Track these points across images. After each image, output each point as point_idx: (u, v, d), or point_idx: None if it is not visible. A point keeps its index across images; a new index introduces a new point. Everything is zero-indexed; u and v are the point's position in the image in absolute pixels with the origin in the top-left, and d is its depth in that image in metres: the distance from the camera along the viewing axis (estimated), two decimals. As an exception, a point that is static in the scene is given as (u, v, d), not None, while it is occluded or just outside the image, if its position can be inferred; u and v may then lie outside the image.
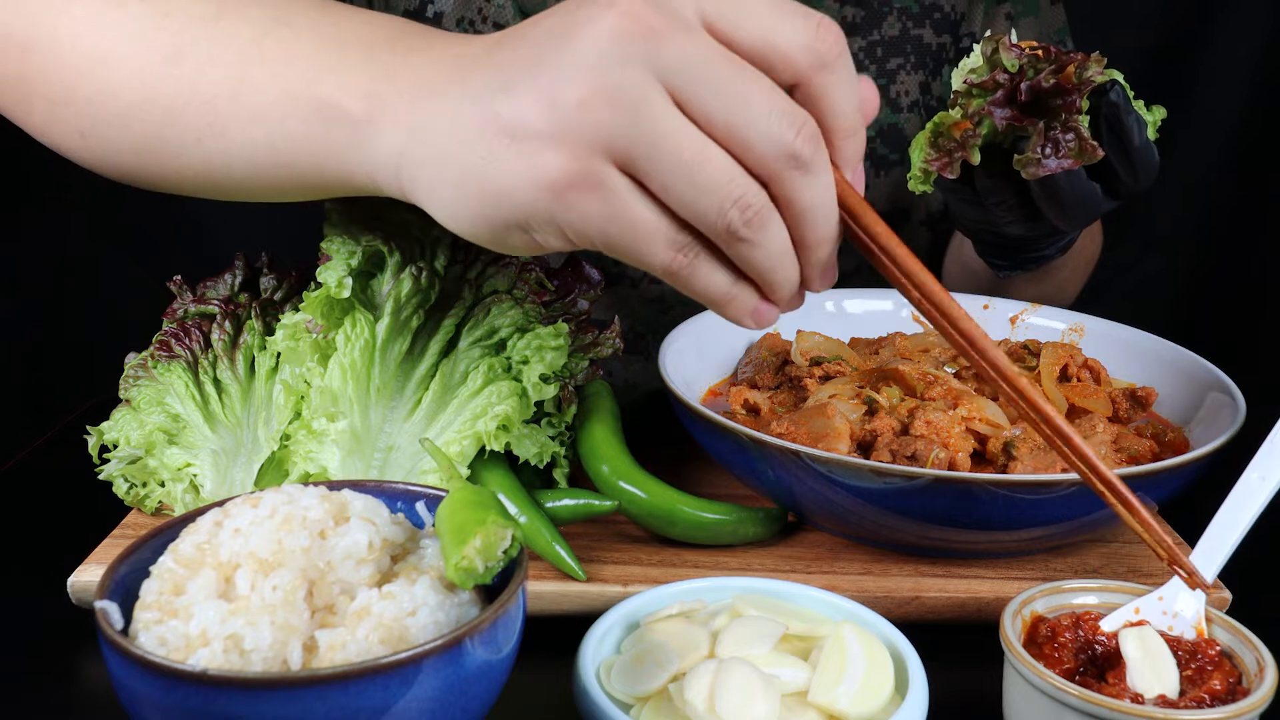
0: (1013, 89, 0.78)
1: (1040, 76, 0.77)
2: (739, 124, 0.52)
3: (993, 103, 0.78)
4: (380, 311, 0.77)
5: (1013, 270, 0.94)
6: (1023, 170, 0.78)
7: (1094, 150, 0.76)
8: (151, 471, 0.79)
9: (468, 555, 0.54)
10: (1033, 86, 0.77)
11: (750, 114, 0.51)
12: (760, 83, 0.52)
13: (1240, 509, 0.65)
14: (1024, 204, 0.83)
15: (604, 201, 0.52)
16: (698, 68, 0.51)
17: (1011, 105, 0.79)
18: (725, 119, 0.52)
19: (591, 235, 0.54)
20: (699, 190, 0.52)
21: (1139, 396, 0.87)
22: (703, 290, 0.56)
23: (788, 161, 0.52)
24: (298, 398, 0.76)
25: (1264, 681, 0.57)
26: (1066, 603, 0.64)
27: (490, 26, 1.07)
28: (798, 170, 0.53)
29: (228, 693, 0.48)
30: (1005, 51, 0.79)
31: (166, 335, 0.82)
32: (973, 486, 0.69)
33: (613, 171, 0.52)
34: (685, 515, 0.77)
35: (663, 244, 0.54)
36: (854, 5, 1.12)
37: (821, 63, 0.53)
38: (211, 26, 0.65)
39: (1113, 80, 0.77)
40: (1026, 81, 0.77)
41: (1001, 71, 0.78)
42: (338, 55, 0.61)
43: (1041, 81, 0.77)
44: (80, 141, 0.70)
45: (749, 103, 0.52)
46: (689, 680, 0.58)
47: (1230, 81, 1.79)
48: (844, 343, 0.92)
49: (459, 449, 0.75)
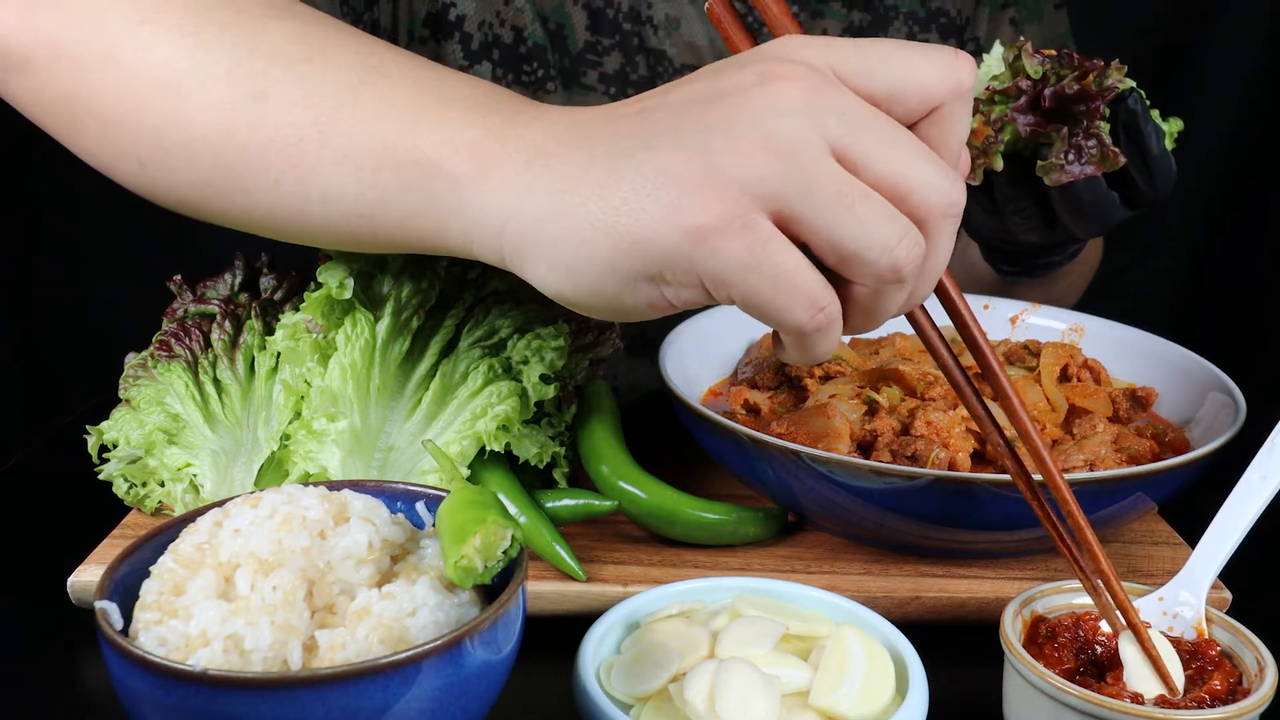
0: (1036, 95, 0.79)
1: (1064, 83, 0.77)
2: (899, 172, 0.51)
3: (1016, 109, 0.79)
4: (381, 312, 0.77)
5: (1020, 276, 0.95)
6: (1045, 176, 0.78)
7: (1115, 156, 0.77)
8: (151, 471, 0.79)
9: (467, 555, 0.54)
10: (1056, 93, 0.78)
11: (909, 163, 0.51)
12: (906, 132, 0.52)
13: (1241, 509, 0.65)
14: (1042, 212, 0.83)
15: (750, 247, 0.50)
16: (853, 118, 0.51)
17: (1035, 111, 0.79)
18: (885, 167, 0.51)
19: (732, 283, 0.51)
20: (863, 227, 0.50)
21: (1139, 396, 0.87)
22: (826, 351, 0.55)
23: (947, 208, 0.52)
24: (298, 398, 0.76)
25: (1264, 681, 0.57)
26: (1066, 603, 0.64)
27: (508, 29, 1.07)
28: (952, 219, 0.53)
29: (228, 693, 0.48)
30: (1028, 58, 0.79)
31: (166, 335, 0.82)
32: (973, 486, 0.69)
33: (763, 218, 0.51)
34: (685, 515, 0.77)
35: (803, 300, 0.52)
36: (861, 10, 1.12)
37: (960, 90, 0.54)
38: (301, 68, 0.61)
39: (1131, 88, 0.78)
40: (1050, 88, 0.78)
41: (1024, 78, 0.79)
42: (439, 110, 0.58)
43: (1065, 88, 0.77)
44: (138, 169, 0.67)
45: (906, 150, 0.52)
46: (689, 680, 0.58)
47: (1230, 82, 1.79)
48: (844, 343, 0.92)
49: (459, 449, 0.75)
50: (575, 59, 1.09)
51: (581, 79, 1.09)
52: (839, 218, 0.50)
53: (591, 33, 1.09)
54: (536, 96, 1.08)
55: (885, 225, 0.51)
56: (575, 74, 1.09)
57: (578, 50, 1.08)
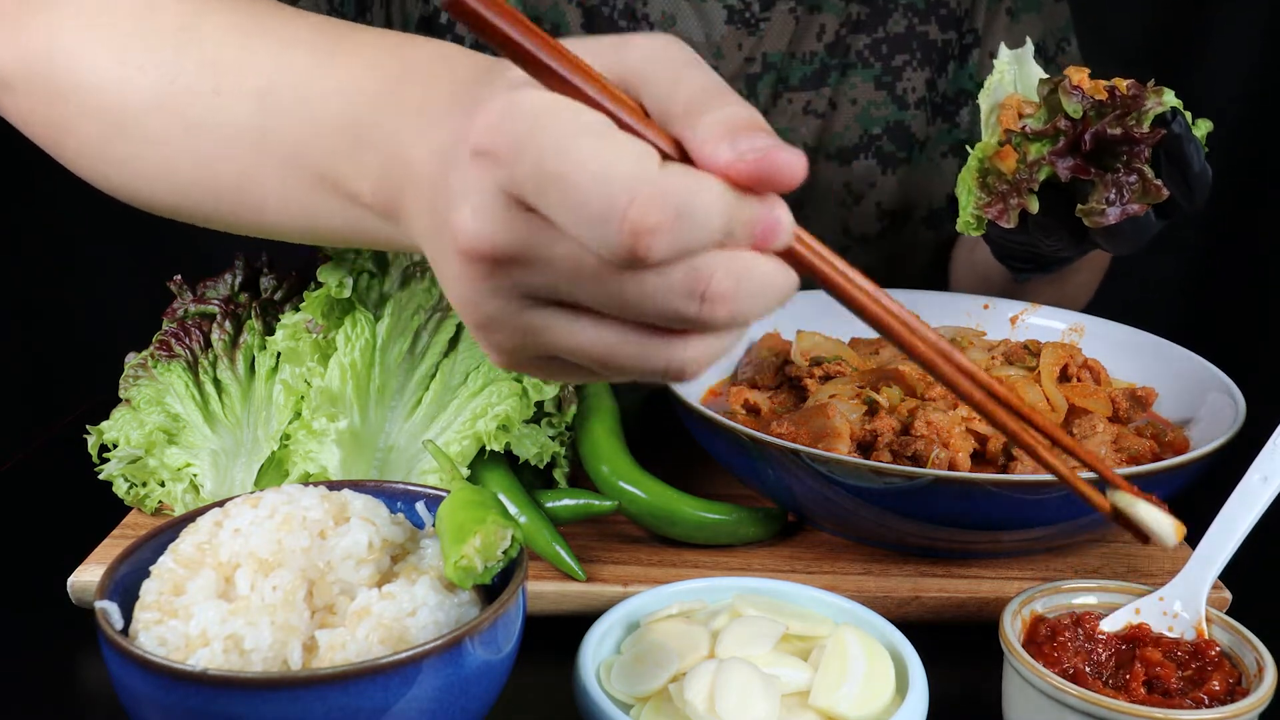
0: (1076, 138, 0.74)
1: (1104, 123, 0.73)
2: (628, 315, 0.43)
3: (1054, 153, 0.75)
4: (381, 312, 0.77)
5: (1033, 272, 0.92)
6: (1086, 219, 0.75)
7: (1158, 191, 0.73)
8: (151, 471, 0.79)
9: (467, 555, 0.54)
10: (1098, 134, 0.73)
11: (633, 307, 0.43)
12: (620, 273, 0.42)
13: (1241, 510, 0.65)
14: (1074, 234, 0.80)
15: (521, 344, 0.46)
16: (556, 285, 0.43)
17: (1075, 154, 0.75)
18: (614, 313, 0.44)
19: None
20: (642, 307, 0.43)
21: (1139, 396, 0.87)
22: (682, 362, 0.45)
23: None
24: (298, 398, 0.76)
25: (1263, 682, 0.57)
26: (1066, 603, 0.64)
27: None
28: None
29: (228, 693, 0.48)
30: (1066, 96, 0.74)
31: (166, 335, 0.82)
32: (973, 486, 0.69)
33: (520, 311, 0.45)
34: (685, 515, 0.77)
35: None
36: (860, 2, 1.12)
37: (630, 261, 0.41)
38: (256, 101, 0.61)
39: (1174, 109, 0.74)
40: (1092, 129, 0.73)
41: (1064, 118, 0.74)
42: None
43: (1106, 128, 0.73)
44: (121, 185, 0.70)
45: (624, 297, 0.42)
46: (689, 680, 0.58)
47: (1230, 80, 1.79)
48: (844, 343, 0.92)
49: (459, 449, 0.75)
50: None
51: None
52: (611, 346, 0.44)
53: (586, 30, 1.09)
54: None
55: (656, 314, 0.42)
56: None
57: None
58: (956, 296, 1.00)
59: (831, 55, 1.13)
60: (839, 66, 1.13)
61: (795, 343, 0.90)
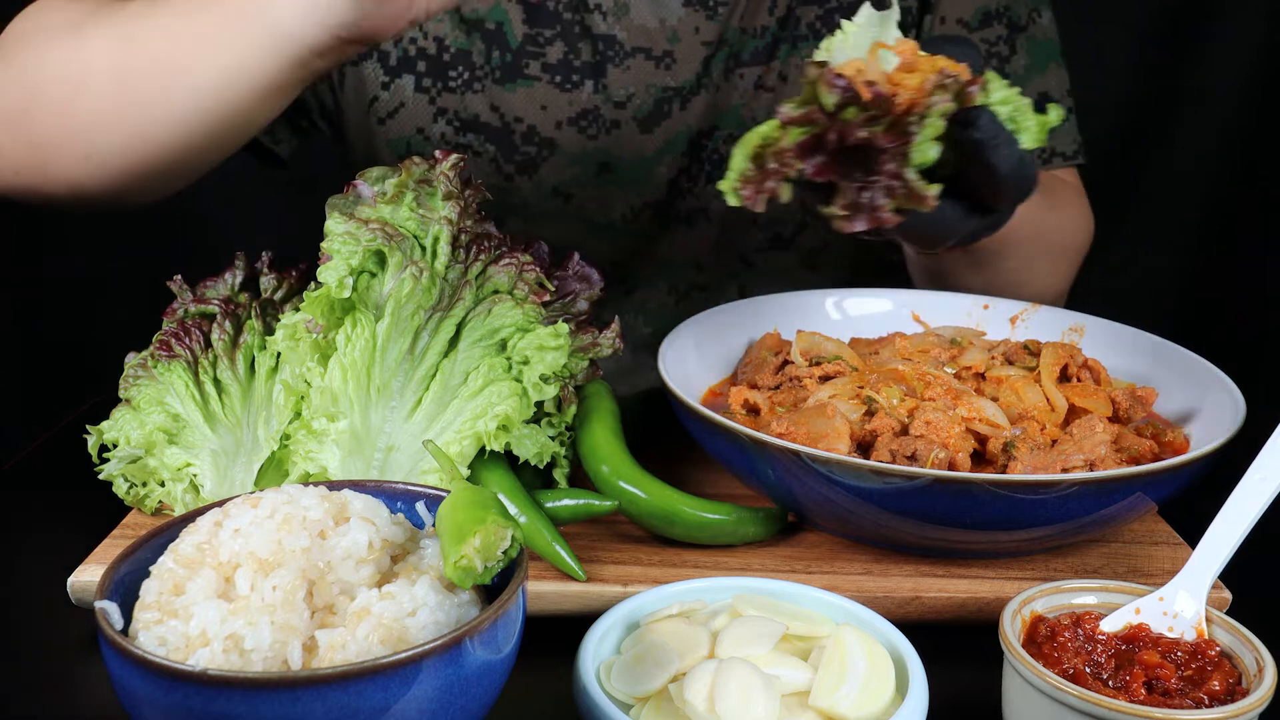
0: (823, 134, 0.66)
1: (853, 124, 0.64)
2: None
3: (801, 146, 0.66)
4: (381, 311, 0.77)
5: (926, 249, 0.88)
6: (832, 223, 0.67)
7: (922, 200, 0.65)
8: (151, 471, 0.79)
9: (467, 555, 0.54)
10: (842, 134, 0.65)
11: None
12: None
13: (1241, 510, 0.65)
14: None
15: None
16: None
17: (821, 152, 0.66)
18: None
19: None
20: None
21: (1139, 396, 0.87)
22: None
23: None
24: (298, 398, 0.76)
25: (1263, 681, 0.57)
26: (1066, 603, 0.64)
27: (431, 41, 1.10)
28: None
29: (228, 693, 0.48)
30: (826, 87, 0.65)
31: (166, 335, 0.82)
32: (973, 486, 0.69)
33: None
34: (685, 515, 0.77)
35: None
36: None
37: None
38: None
39: (981, 108, 0.66)
40: (837, 128, 0.65)
41: (818, 110, 0.65)
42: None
43: (854, 130, 0.64)
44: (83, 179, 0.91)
45: None
46: (689, 680, 0.58)
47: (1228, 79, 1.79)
48: (844, 343, 0.92)
49: (459, 449, 0.75)
50: (516, 53, 1.09)
51: (524, 71, 1.09)
52: None
53: (530, 25, 1.09)
54: (463, 101, 1.10)
55: None
56: (517, 67, 1.09)
57: (518, 44, 1.09)
58: (957, 296, 1.00)
59: (782, 29, 1.11)
60: (789, 38, 1.11)
61: (795, 342, 0.90)
